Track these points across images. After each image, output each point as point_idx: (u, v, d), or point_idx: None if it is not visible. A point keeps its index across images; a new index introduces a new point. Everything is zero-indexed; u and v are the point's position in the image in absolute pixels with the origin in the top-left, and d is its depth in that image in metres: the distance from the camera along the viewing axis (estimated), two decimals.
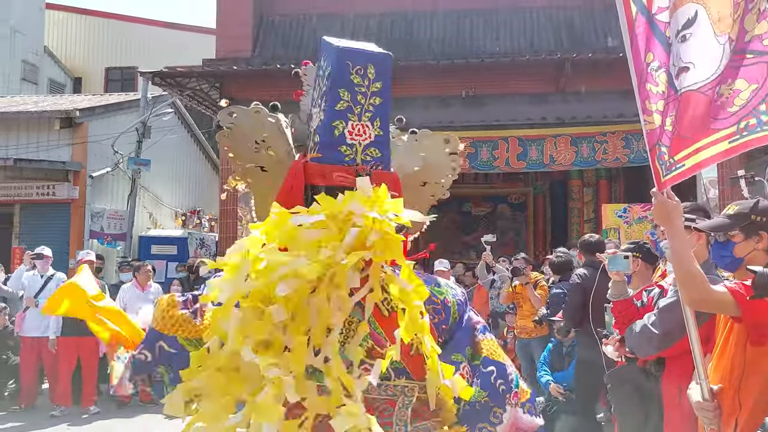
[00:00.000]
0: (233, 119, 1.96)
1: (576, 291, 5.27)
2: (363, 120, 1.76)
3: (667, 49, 2.34)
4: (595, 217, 12.10)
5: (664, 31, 2.34)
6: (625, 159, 10.64)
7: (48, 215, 12.44)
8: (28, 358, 7.85)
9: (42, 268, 8.22)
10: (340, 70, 1.75)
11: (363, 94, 1.76)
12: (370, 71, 1.76)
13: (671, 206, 2.25)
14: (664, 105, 2.32)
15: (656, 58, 2.36)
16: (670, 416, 2.64)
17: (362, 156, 1.76)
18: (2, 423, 7.17)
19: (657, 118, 2.33)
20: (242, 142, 1.95)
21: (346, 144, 1.75)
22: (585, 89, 10.63)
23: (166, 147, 14.33)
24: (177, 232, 14.20)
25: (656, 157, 2.32)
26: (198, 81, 11.51)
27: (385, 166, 1.79)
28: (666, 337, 2.54)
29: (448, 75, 11.04)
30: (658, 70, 2.35)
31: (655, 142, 2.33)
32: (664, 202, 2.26)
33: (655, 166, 2.32)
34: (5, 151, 12.35)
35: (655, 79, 2.35)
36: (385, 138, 1.80)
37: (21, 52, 19.59)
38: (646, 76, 2.35)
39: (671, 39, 2.33)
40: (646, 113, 2.35)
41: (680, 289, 2.31)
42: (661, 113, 2.33)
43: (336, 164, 1.75)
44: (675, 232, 2.24)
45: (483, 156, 10.75)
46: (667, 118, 2.31)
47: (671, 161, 2.28)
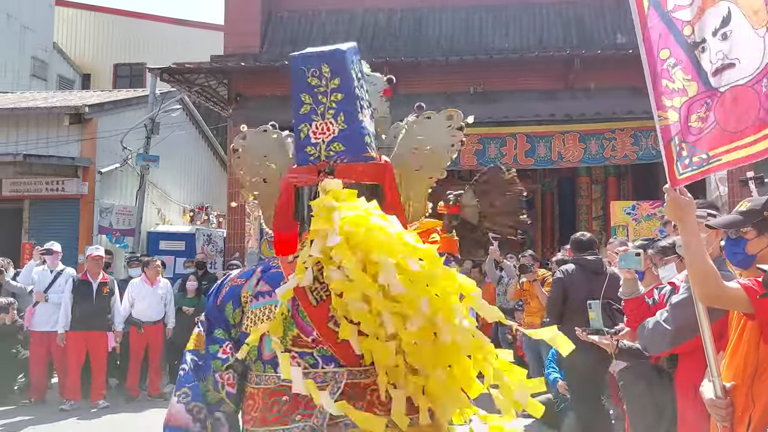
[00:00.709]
0: (244, 141, 2.10)
1: (558, 285, 5.31)
2: (326, 118, 1.83)
3: (685, 48, 2.33)
4: (604, 215, 12.06)
5: (682, 30, 2.34)
6: (633, 156, 10.59)
7: (57, 211, 12.50)
8: (38, 352, 7.90)
9: (51, 264, 8.27)
10: (297, 77, 1.84)
11: (323, 94, 1.83)
12: (324, 70, 1.82)
13: (684, 203, 2.24)
14: (687, 102, 2.30)
15: (672, 55, 2.35)
16: (684, 413, 2.62)
17: (325, 152, 1.82)
18: (12, 417, 7.21)
19: (673, 114, 2.32)
20: (249, 159, 2.10)
21: (311, 144, 1.83)
22: (594, 86, 10.60)
23: (174, 143, 14.37)
24: (185, 228, 14.24)
25: (673, 153, 2.30)
26: (206, 77, 11.54)
27: (354, 157, 1.82)
28: (679, 334, 2.52)
29: (457, 71, 11.02)
30: (674, 68, 2.34)
31: (670, 137, 2.32)
32: (677, 199, 2.25)
33: (669, 163, 2.30)
34: (15, 147, 12.40)
35: (672, 75, 2.34)
36: (351, 131, 1.83)
37: (30, 49, 19.69)
38: (662, 72, 2.34)
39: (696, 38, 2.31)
40: (661, 109, 2.34)
41: (693, 286, 2.30)
42: (679, 110, 2.31)
43: (303, 165, 1.84)
44: (688, 229, 2.23)
45: (491, 152, 10.73)
46: (693, 114, 2.30)
47: (703, 157, 2.26)
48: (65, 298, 7.72)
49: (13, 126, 12.80)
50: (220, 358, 1.82)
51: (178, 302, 8.69)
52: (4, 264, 8.85)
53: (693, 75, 2.33)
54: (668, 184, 2.30)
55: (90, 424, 6.94)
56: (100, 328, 7.80)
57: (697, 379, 2.35)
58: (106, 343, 7.90)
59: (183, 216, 15.82)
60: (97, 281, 7.86)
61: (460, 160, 10.68)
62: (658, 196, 6.19)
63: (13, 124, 12.82)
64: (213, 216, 16.21)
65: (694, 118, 2.30)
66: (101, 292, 7.83)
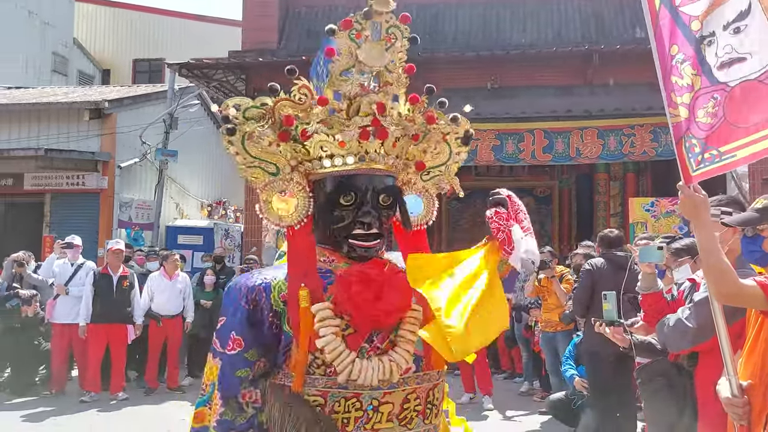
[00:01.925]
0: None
1: (587, 277, 5.35)
2: None
3: (692, 42, 2.32)
4: (622, 211, 11.96)
5: (689, 24, 2.32)
6: (652, 153, 10.48)
7: (78, 205, 12.67)
8: (59, 344, 8.02)
9: (72, 257, 8.38)
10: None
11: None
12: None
13: (699, 200, 2.23)
14: (693, 97, 2.29)
15: (681, 50, 2.34)
16: (705, 411, 2.61)
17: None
18: (34, 408, 7.33)
19: (683, 111, 2.31)
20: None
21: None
22: (613, 81, 10.50)
23: (192, 138, 14.49)
24: (203, 222, 14.37)
25: (684, 150, 2.29)
26: (224, 72, 11.60)
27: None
28: (700, 332, 2.51)
29: (473, 67, 10.98)
30: (683, 63, 2.33)
31: (682, 134, 2.31)
32: (692, 196, 2.23)
33: (682, 160, 2.29)
34: (36, 142, 12.58)
35: (681, 71, 2.33)
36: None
37: (51, 44, 19.93)
38: (671, 68, 2.33)
39: (703, 32, 2.29)
40: (672, 106, 2.33)
41: (708, 284, 2.28)
42: (688, 106, 2.30)
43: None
44: (702, 226, 2.22)
45: (508, 148, 10.68)
46: (700, 110, 2.28)
47: (714, 153, 2.25)
48: (86, 291, 7.83)
49: (34, 121, 12.98)
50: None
51: (197, 296, 8.77)
52: (26, 257, 8.99)
53: (698, 70, 2.31)
54: (682, 182, 2.29)
55: (110, 416, 7.04)
56: (120, 321, 7.90)
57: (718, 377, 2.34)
58: (126, 336, 7.99)
59: (201, 210, 15.96)
60: (117, 275, 7.95)
61: (477, 155, 10.65)
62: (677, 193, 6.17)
63: (34, 118, 13.00)
64: (230, 211, 16.33)
65: (702, 113, 2.28)
66: (121, 285, 7.93)
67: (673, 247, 3.55)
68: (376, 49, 1.75)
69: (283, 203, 1.75)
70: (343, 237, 1.74)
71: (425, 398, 1.73)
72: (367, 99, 1.72)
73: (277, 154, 1.75)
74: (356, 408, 1.63)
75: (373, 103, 1.72)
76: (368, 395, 1.64)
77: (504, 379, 8.86)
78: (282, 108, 1.75)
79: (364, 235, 1.72)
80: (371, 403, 1.64)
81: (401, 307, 1.68)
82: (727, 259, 2.22)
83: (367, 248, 1.73)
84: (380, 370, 1.62)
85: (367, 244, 1.72)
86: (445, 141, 1.91)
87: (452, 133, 1.91)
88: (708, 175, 2.27)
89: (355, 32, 1.74)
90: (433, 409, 1.75)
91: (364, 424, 1.64)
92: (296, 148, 1.75)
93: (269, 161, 1.76)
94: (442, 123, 1.88)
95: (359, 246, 1.72)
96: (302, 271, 1.69)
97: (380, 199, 1.74)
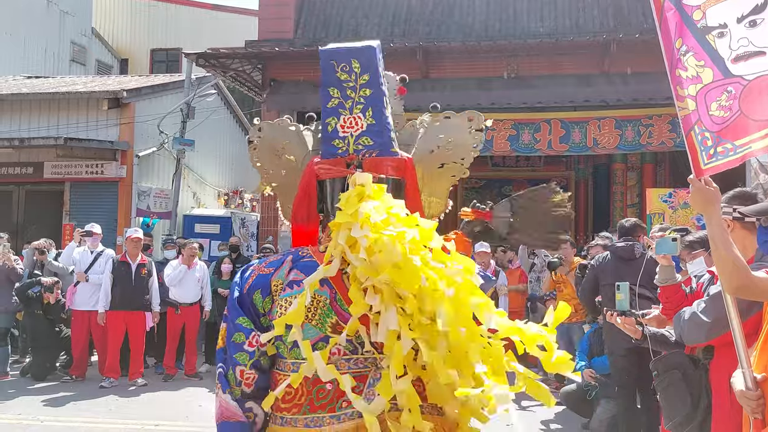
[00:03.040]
0: (260, 133, 2.15)
1: (588, 274, 5.58)
2: (354, 112, 1.87)
3: (695, 33, 2.31)
4: (639, 202, 11.88)
5: (691, 15, 2.31)
6: (670, 143, 10.39)
7: (97, 193, 12.82)
8: (79, 330, 8.14)
9: (92, 245, 8.49)
10: (326, 71, 1.87)
11: (352, 89, 1.87)
12: (354, 66, 1.86)
13: (709, 193, 2.22)
14: (703, 90, 2.28)
15: (684, 42, 2.33)
16: (720, 404, 2.61)
17: (354, 146, 1.86)
18: (55, 392, 7.47)
19: (690, 103, 2.30)
20: (267, 152, 2.15)
21: (339, 137, 1.87)
22: (631, 71, 10.39)
23: (209, 128, 14.57)
24: (220, 211, 14.46)
25: (695, 143, 2.28)
26: (241, 62, 11.64)
27: (381, 152, 1.87)
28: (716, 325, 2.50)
29: (490, 56, 10.92)
30: (686, 55, 2.32)
31: (691, 127, 2.29)
32: (702, 189, 2.22)
33: (693, 152, 2.28)
34: (56, 131, 12.72)
35: (684, 64, 2.32)
36: (380, 125, 1.88)
37: (70, 34, 20.10)
38: (676, 61, 2.32)
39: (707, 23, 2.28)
40: (679, 99, 2.32)
41: (721, 277, 2.27)
42: (695, 98, 2.29)
43: (330, 158, 1.88)
44: (714, 220, 2.21)
45: (525, 139, 10.63)
46: (713, 103, 2.27)
47: (729, 147, 2.23)
48: (105, 279, 7.94)
49: (54, 110, 13.12)
50: (246, 351, 1.79)
51: (214, 284, 8.86)
52: (46, 245, 9.14)
53: (707, 61, 2.29)
54: (693, 175, 2.28)
55: (128, 401, 7.15)
56: (139, 309, 8.01)
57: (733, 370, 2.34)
58: (144, 323, 8.11)
59: (218, 200, 16.07)
60: (136, 263, 8.05)
61: (493, 145, 10.61)
62: None
63: (54, 108, 13.13)
64: (247, 200, 16.43)
65: (715, 106, 2.26)
66: (140, 273, 8.03)
67: (687, 239, 3.53)
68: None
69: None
70: None
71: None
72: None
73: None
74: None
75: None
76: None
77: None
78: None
79: None
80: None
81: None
82: (738, 252, 2.21)
83: None
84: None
85: None
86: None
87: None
88: (720, 169, 2.26)
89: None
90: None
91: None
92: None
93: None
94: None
95: None
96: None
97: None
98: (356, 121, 1.85)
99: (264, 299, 1.83)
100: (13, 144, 12.39)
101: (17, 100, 13.18)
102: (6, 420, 6.33)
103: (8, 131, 12.93)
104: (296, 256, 1.89)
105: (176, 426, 6.21)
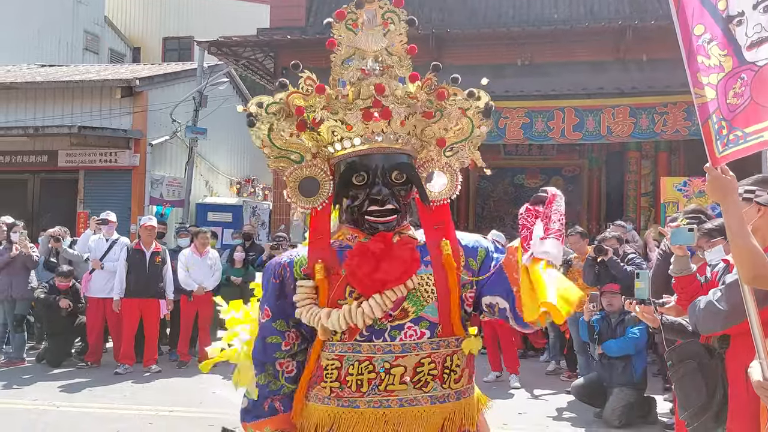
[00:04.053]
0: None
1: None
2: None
3: (720, 23, 2.27)
4: (653, 191, 11.78)
5: (716, 4, 2.27)
6: (685, 132, 10.28)
7: (110, 181, 12.91)
8: (94, 317, 8.21)
9: (107, 233, 8.54)
10: None
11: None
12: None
13: (726, 182, 2.19)
14: (725, 78, 2.24)
15: (708, 30, 2.29)
16: (736, 394, 2.58)
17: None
18: (70, 378, 7.55)
19: (710, 92, 2.27)
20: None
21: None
22: (646, 58, 10.28)
23: (221, 116, 14.59)
24: (232, 200, 14.52)
25: (711, 132, 2.25)
26: (253, 50, 11.64)
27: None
28: (733, 314, 2.47)
29: (504, 43, 10.84)
30: (710, 43, 2.28)
31: (708, 115, 2.26)
32: (718, 178, 2.19)
33: (708, 141, 2.25)
34: (70, 119, 12.79)
35: (708, 51, 2.28)
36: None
37: (83, 23, 20.17)
38: (697, 48, 2.28)
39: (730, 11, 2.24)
40: (697, 86, 2.29)
41: (737, 267, 2.25)
42: (715, 87, 2.26)
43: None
44: (730, 209, 2.18)
45: (538, 127, 10.56)
46: (730, 91, 2.23)
47: (739, 134, 2.20)
48: (119, 267, 7.99)
49: (68, 98, 13.19)
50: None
51: (227, 272, 8.89)
52: (61, 232, 9.20)
53: (729, 50, 2.26)
54: (708, 164, 2.25)
55: (143, 388, 7.21)
56: (153, 296, 8.06)
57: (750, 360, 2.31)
58: (159, 310, 8.15)
59: (230, 188, 16.12)
60: (150, 250, 8.10)
61: (506, 133, 10.55)
62: None
63: (68, 96, 13.21)
64: (259, 188, 16.47)
65: (731, 94, 2.23)
66: (154, 261, 8.07)
67: (705, 227, 3.48)
68: (372, 34, 1.86)
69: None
70: (359, 214, 1.85)
71: (442, 363, 1.81)
72: (366, 82, 1.83)
73: (299, 144, 1.91)
74: (369, 370, 1.77)
75: (371, 85, 1.82)
76: (380, 358, 1.77)
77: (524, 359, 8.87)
78: (293, 100, 1.90)
79: (379, 211, 1.82)
80: (383, 366, 1.76)
81: (398, 276, 1.77)
82: (755, 242, 2.18)
83: (382, 224, 1.83)
84: (346, 315, 1.75)
85: (382, 219, 1.82)
86: (465, 116, 1.95)
87: (473, 107, 1.95)
88: (733, 157, 2.23)
89: (350, 22, 1.87)
90: (451, 375, 1.83)
91: (378, 386, 1.77)
92: (314, 136, 1.90)
93: (293, 150, 1.92)
94: (458, 98, 1.93)
95: (374, 222, 1.83)
96: (320, 247, 1.85)
97: (392, 176, 1.83)
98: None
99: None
100: (28, 132, 12.49)
101: (32, 89, 13.27)
102: (22, 405, 6.41)
103: (23, 120, 13.02)
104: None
105: (190, 412, 6.26)
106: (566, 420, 6.07)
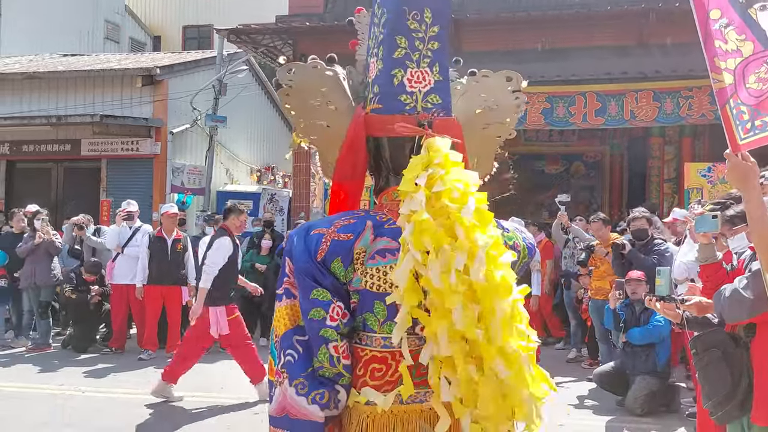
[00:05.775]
0: (292, 76, 1.91)
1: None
2: (422, 66, 1.73)
3: (737, 8, 2.24)
4: (677, 177, 11.58)
5: None
6: (711, 116, 10.07)
7: (132, 170, 13.04)
8: (118, 304, 8.34)
9: (131, 221, 8.63)
10: (397, 17, 1.72)
11: (421, 40, 1.73)
12: (426, 15, 1.72)
13: (747, 168, 2.14)
14: (743, 63, 2.20)
15: (724, 15, 2.26)
16: (761, 384, 2.54)
17: (423, 104, 1.74)
18: (95, 364, 7.69)
19: (727, 77, 2.24)
20: (302, 99, 1.91)
21: (406, 92, 1.73)
22: (670, 41, 10.08)
23: (241, 104, 14.63)
24: (252, 187, 14.58)
25: (730, 117, 2.20)
26: (272, 38, 11.62)
27: (447, 112, 1.77)
28: (759, 302, 2.43)
29: (524, 27, 10.70)
30: (726, 28, 2.25)
31: (726, 100, 2.22)
32: (739, 164, 2.15)
33: (728, 127, 2.21)
34: (92, 108, 12.91)
35: (725, 36, 2.25)
36: (445, 83, 1.78)
37: (104, 12, 20.30)
38: (714, 33, 2.24)
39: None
40: (715, 71, 2.25)
41: (759, 255, 2.21)
42: (733, 71, 2.22)
43: (397, 114, 1.73)
44: (751, 195, 2.14)
45: (559, 112, 10.43)
46: (752, 75, 2.19)
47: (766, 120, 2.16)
48: (142, 254, 8.08)
49: (90, 87, 13.31)
50: (330, 327, 1.64)
51: (252, 259, 8.89)
52: (85, 220, 9.33)
53: (748, 35, 2.22)
54: (729, 150, 2.20)
55: None
56: (175, 283, 8.14)
57: None
58: (181, 296, 8.24)
59: (250, 176, 16.19)
60: (172, 238, 8.17)
61: (526, 119, 10.44)
62: None
63: (90, 85, 13.32)
64: (279, 176, 16.52)
65: (753, 79, 2.18)
66: (176, 248, 8.15)
67: (728, 214, 3.42)
68: None
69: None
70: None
71: None
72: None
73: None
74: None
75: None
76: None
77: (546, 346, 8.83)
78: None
79: None
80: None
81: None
82: None
83: None
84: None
85: None
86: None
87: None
88: (758, 144, 2.18)
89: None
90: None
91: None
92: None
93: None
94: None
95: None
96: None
97: None
98: (423, 76, 1.73)
99: (346, 268, 1.66)
100: (51, 121, 12.63)
101: (54, 78, 13.40)
102: (49, 390, 6.54)
103: (46, 109, 13.17)
104: (376, 221, 1.71)
105: (211, 397, 6.34)
106: (588, 408, 6.04)
